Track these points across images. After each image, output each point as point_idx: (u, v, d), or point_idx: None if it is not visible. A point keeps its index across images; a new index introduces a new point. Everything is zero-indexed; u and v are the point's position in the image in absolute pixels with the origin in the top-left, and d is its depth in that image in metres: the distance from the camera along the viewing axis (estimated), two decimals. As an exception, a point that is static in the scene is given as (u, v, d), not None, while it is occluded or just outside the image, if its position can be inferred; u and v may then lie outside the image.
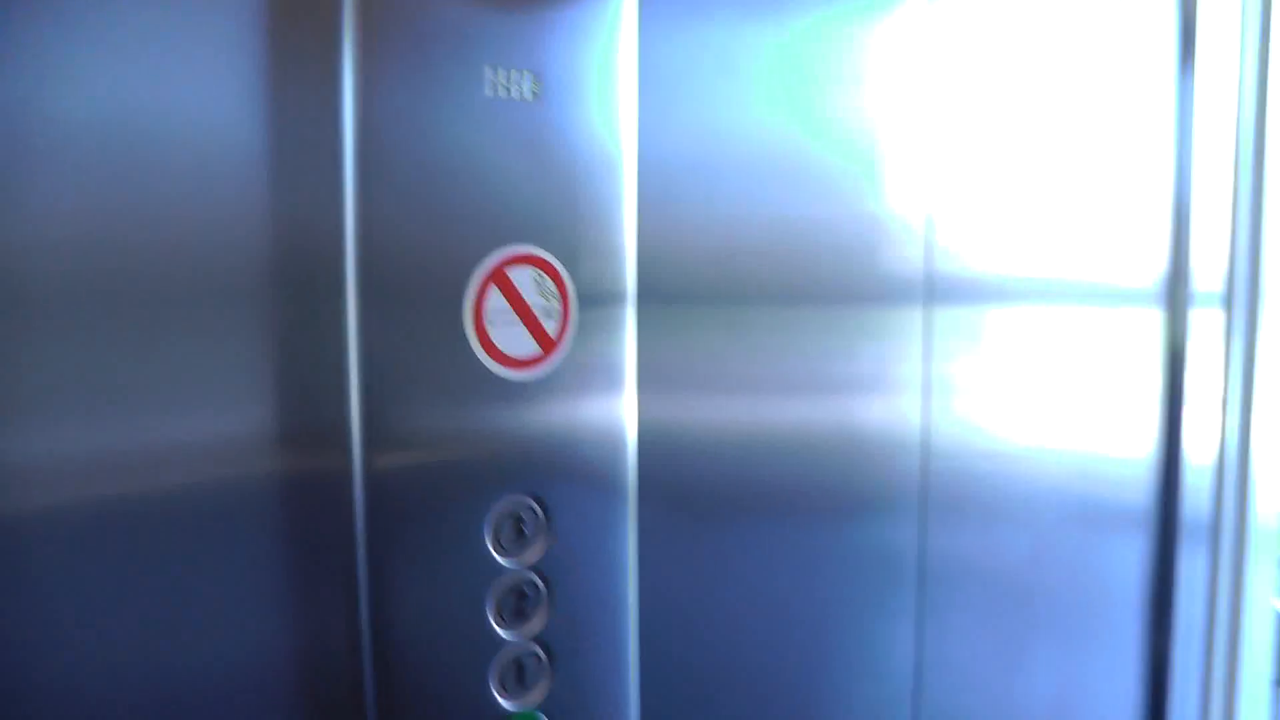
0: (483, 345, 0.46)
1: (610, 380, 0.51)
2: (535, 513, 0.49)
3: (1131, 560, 1.04)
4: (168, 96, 0.39)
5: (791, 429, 0.66)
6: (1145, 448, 1.03)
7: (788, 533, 0.67)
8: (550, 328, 0.49)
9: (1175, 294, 1.04)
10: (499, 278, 0.46)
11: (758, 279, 0.62)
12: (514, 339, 0.47)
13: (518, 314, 0.47)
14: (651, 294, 0.55)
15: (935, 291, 0.76)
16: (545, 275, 0.48)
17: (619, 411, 0.52)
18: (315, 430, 0.43)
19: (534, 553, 0.49)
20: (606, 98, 0.50)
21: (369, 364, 0.44)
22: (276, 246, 0.42)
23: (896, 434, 0.75)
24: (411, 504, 0.46)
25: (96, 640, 0.41)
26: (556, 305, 0.49)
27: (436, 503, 0.46)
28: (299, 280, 0.42)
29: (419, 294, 0.45)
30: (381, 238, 0.43)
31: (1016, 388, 0.87)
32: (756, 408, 0.64)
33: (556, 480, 0.50)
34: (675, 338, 0.58)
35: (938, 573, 0.79)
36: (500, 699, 0.49)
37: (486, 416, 0.47)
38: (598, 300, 0.51)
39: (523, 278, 0.47)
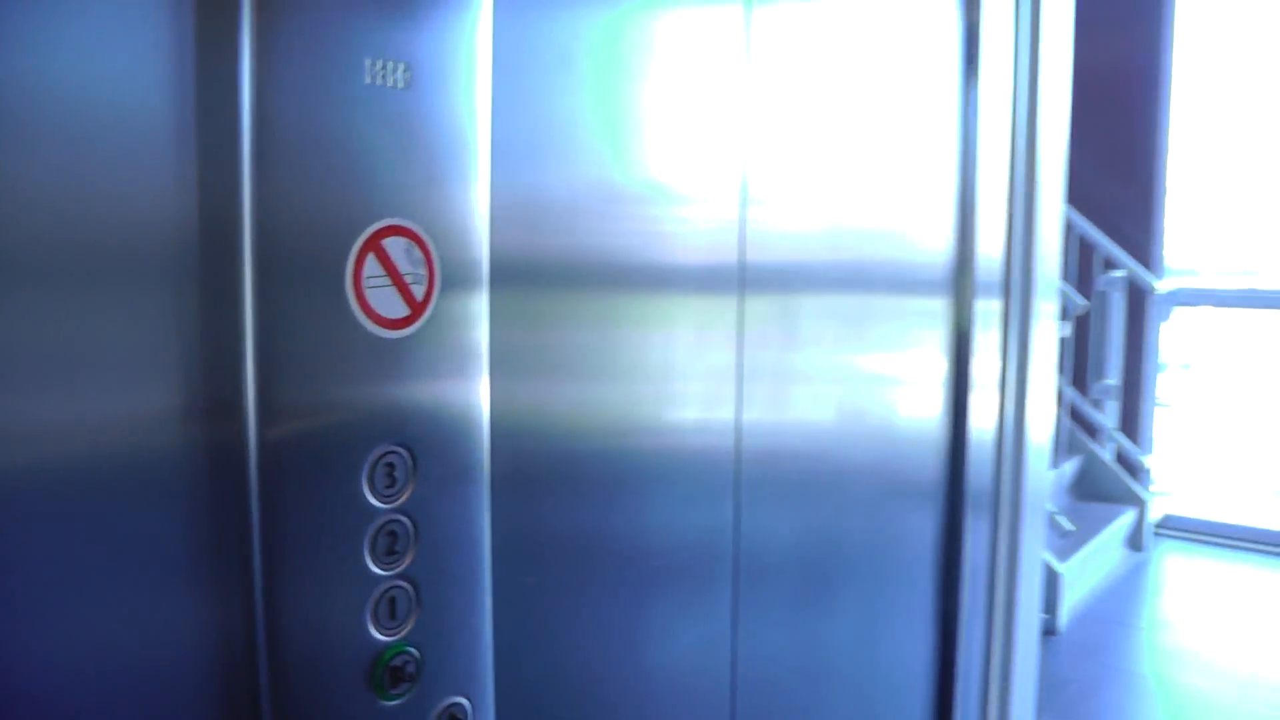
0: (361, 308, 0.51)
1: (468, 340, 0.57)
2: (405, 459, 0.54)
3: (925, 525, 1.14)
4: (70, 69, 0.42)
5: (618, 405, 0.72)
6: (936, 425, 1.13)
7: (616, 496, 0.73)
8: (418, 291, 0.54)
9: (961, 284, 1.14)
10: (375, 247, 0.51)
11: (586, 261, 0.69)
12: (388, 301, 0.52)
13: (391, 279, 0.52)
14: (501, 265, 0.60)
15: (748, 280, 0.83)
16: (414, 244, 0.53)
17: (476, 366, 0.57)
18: (212, 399, 0.47)
19: (404, 496, 0.54)
20: (466, 87, 0.55)
21: (263, 332, 0.47)
22: (177, 224, 0.45)
23: (713, 414, 0.81)
24: (300, 461, 0.50)
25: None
26: (423, 272, 0.54)
27: (323, 456, 0.51)
28: (198, 256, 0.46)
29: (307, 263, 0.49)
30: (274, 214, 0.47)
31: (823, 371, 0.95)
32: (589, 383, 0.70)
33: (424, 428, 0.55)
34: (521, 308, 0.64)
35: (753, 541, 0.86)
36: (376, 634, 0.54)
37: (365, 373, 0.52)
38: (457, 268, 0.56)
39: (395, 247, 0.52)
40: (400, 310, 0.53)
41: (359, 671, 0.53)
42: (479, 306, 0.57)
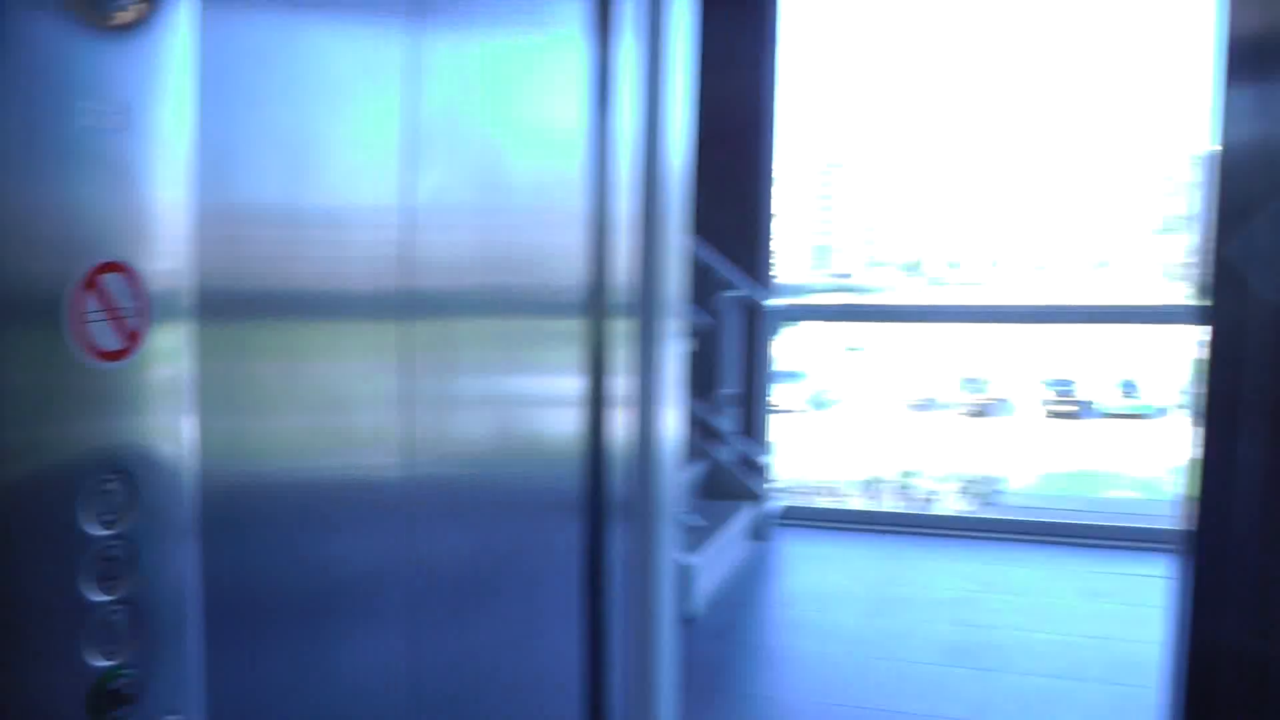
0: (80, 342, 0.52)
1: (177, 370, 0.59)
2: (122, 488, 0.56)
3: (573, 533, 1.19)
4: None
5: (308, 431, 0.76)
6: (579, 440, 1.19)
7: (309, 519, 0.77)
8: (132, 325, 0.56)
9: (597, 306, 1.19)
10: (92, 283, 0.53)
11: (279, 291, 0.72)
12: (105, 335, 0.54)
13: (107, 314, 0.54)
14: (206, 297, 0.63)
15: (415, 306, 0.88)
16: (128, 280, 0.55)
17: (184, 396, 0.60)
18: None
19: (121, 524, 0.56)
20: (175, 129, 0.58)
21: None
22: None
23: (386, 438, 0.86)
24: (20, 493, 0.50)
25: None
26: (138, 305, 0.56)
27: (42, 487, 0.51)
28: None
29: (28, 301, 0.50)
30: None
31: (480, 393, 1.01)
32: (284, 409, 0.73)
33: (139, 457, 0.57)
34: (225, 339, 0.66)
35: (423, 558, 0.92)
36: (95, 659, 0.55)
37: (84, 405, 0.53)
38: (167, 301, 0.58)
39: (111, 283, 0.54)
40: (116, 343, 0.55)
41: (79, 697, 0.54)
42: (186, 338, 0.60)
